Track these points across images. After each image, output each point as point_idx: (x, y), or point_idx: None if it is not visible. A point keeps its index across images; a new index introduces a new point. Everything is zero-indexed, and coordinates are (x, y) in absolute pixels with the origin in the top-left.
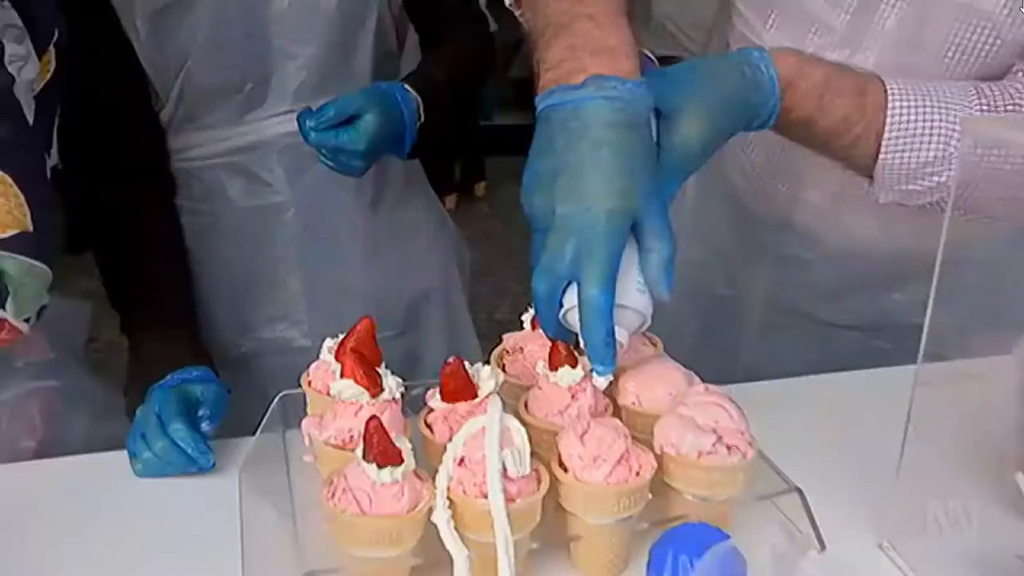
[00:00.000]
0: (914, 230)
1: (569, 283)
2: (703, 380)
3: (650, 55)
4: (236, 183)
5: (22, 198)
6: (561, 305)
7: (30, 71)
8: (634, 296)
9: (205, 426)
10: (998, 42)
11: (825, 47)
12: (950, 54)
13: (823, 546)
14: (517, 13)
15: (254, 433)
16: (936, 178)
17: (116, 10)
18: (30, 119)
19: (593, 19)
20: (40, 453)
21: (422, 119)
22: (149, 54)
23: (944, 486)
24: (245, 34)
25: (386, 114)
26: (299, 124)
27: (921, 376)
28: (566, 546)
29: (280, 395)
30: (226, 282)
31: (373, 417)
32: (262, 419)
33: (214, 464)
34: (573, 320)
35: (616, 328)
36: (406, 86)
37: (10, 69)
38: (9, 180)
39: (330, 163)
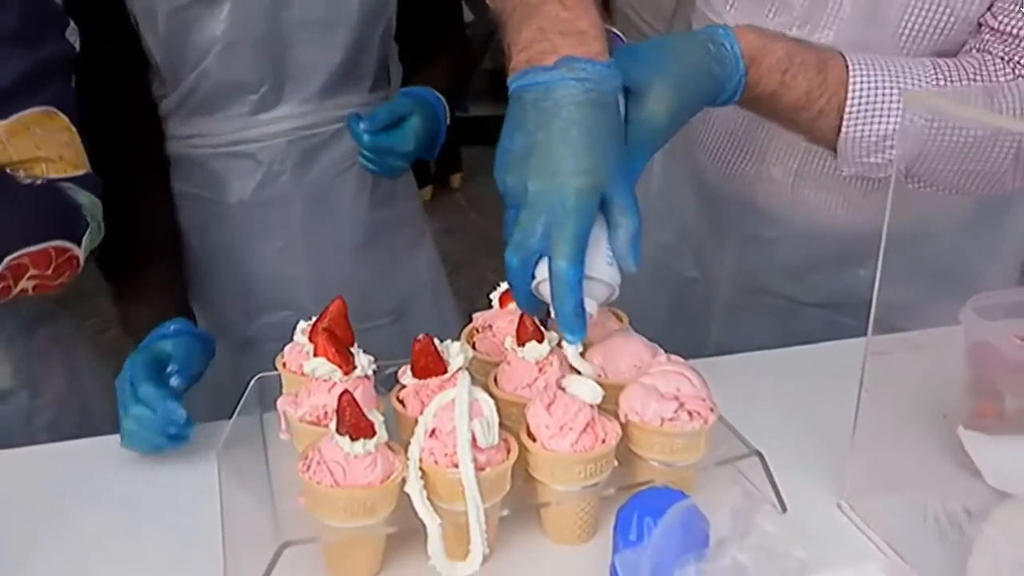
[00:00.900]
0: (875, 207)
1: (541, 256)
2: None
3: (618, 33)
4: (243, 173)
5: (79, 141)
6: (533, 277)
7: None
8: (603, 268)
9: (174, 381)
10: (952, 19)
11: (784, 25)
12: (906, 31)
13: (784, 507)
14: (488, 1)
15: (231, 416)
16: (895, 150)
17: (133, 7)
18: None
19: (562, 2)
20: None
21: (449, 122)
22: (165, 48)
23: (898, 447)
24: (265, 38)
25: (427, 117)
26: (350, 127)
27: (874, 345)
28: (536, 513)
29: (256, 377)
30: (231, 268)
31: (345, 391)
32: (239, 401)
33: (190, 422)
34: (544, 292)
35: (585, 299)
36: (434, 91)
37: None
38: (68, 122)
39: (372, 165)
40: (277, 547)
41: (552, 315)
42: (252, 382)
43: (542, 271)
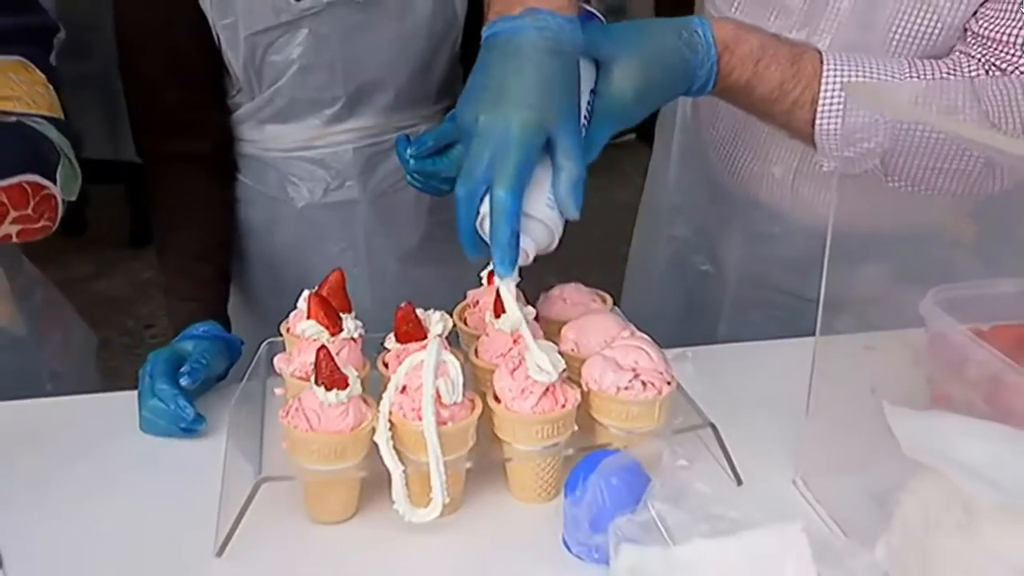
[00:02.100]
0: (871, 205)
1: (487, 190)
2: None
3: (596, 12)
4: (312, 177)
5: (56, 98)
6: (479, 214)
7: None
8: (542, 210)
9: (184, 381)
10: (939, 25)
11: (784, 28)
12: (896, 36)
13: (739, 480)
14: None
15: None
16: (865, 144)
17: (216, 26)
18: None
19: None
20: None
21: None
22: (244, 66)
23: (849, 428)
24: (339, 60)
25: None
26: (398, 150)
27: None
28: (504, 472)
29: (266, 342)
30: (294, 266)
31: (323, 347)
32: (250, 365)
33: (200, 418)
34: (487, 228)
35: (522, 237)
36: None
37: None
38: (45, 80)
39: (418, 184)
40: (255, 482)
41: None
42: (262, 347)
43: (486, 206)
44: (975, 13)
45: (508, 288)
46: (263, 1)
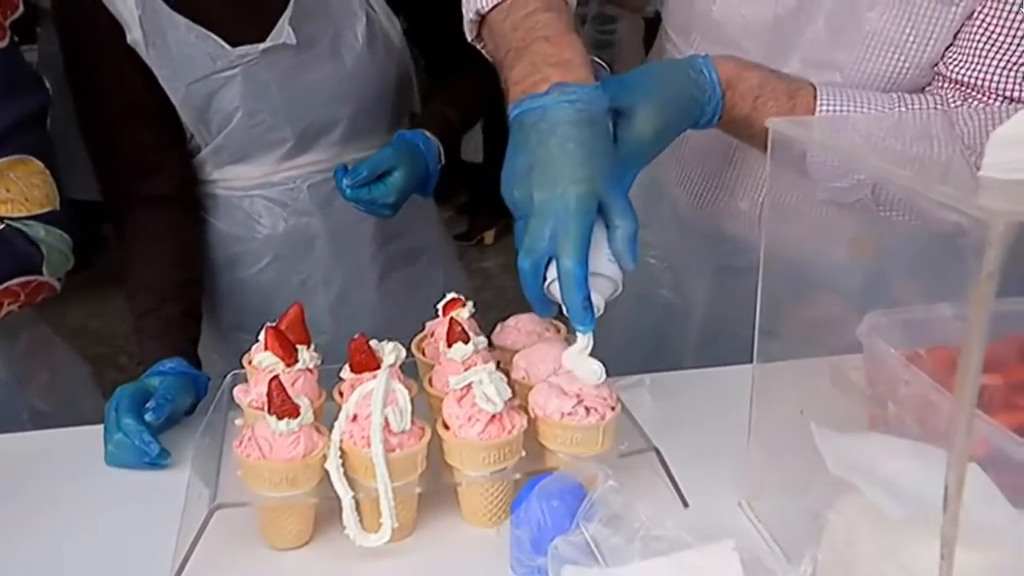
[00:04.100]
0: (837, 236)
1: (550, 260)
2: None
3: (602, 63)
4: (272, 212)
5: (52, 182)
6: (545, 279)
7: None
8: (605, 265)
9: (148, 416)
10: (906, 65)
11: None
12: (863, 76)
13: (685, 503)
14: (480, 46)
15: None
16: (857, 175)
17: (159, 77)
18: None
19: (548, 40)
20: None
21: (443, 162)
22: (191, 114)
23: (791, 451)
24: (282, 104)
25: (412, 166)
26: (335, 179)
27: (763, 357)
28: (455, 496)
29: (230, 374)
30: (260, 296)
31: (274, 377)
32: (215, 397)
33: (165, 453)
34: (555, 291)
35: (592, 294)
36: (427, 134)
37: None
38: (43, 167)
39: (362, 210)
40: (209, 509)
41: (564, 311)
42: (226, 379)
43: (552, 272)
44: (943, 56)
45: (587, 341)
46: (199, 49)
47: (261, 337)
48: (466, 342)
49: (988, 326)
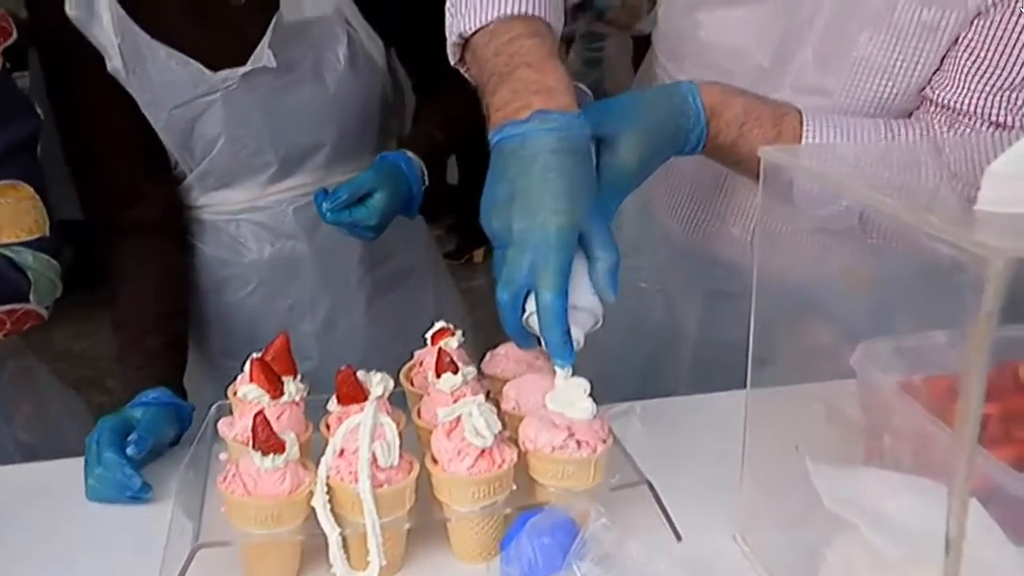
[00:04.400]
0: (829, 263)
1: (529, 291)
2: None
3: (585, 89)
4: (259, 236)
5: (42, 207)
6: (524, 311)
7: None
8: (586, 298)
9: (130, 450)
10: (894, 91)
11: None
12: (851, 101)
13: (679, 536)
14: (463, 69)
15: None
16: (844, 202)
17: (137, 100)
18: None
19: (531, 65)
20: None
21: (426, 183)
22: (174, 141)
23: (786, 484)
24: (264, 128)
25: (394, 187)
26: (316, 203)
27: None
28: (445, 531)
29: (215, 405)
30: (247, 321)
31: (259, 412)
32: (200, 429)
33: (147, 487)
34: (534, 324)
35: (572, 327)
36: (409, 154)
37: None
38: (33, 192)
39: (345, 231)
40: (191, 548)
41: (543, 344)
42: (211, 410)
43: (531, 304)
44: (930, 80)
45: (567, 375)
46: (180, 74)
47: (246, 368)
48: (455, 372)
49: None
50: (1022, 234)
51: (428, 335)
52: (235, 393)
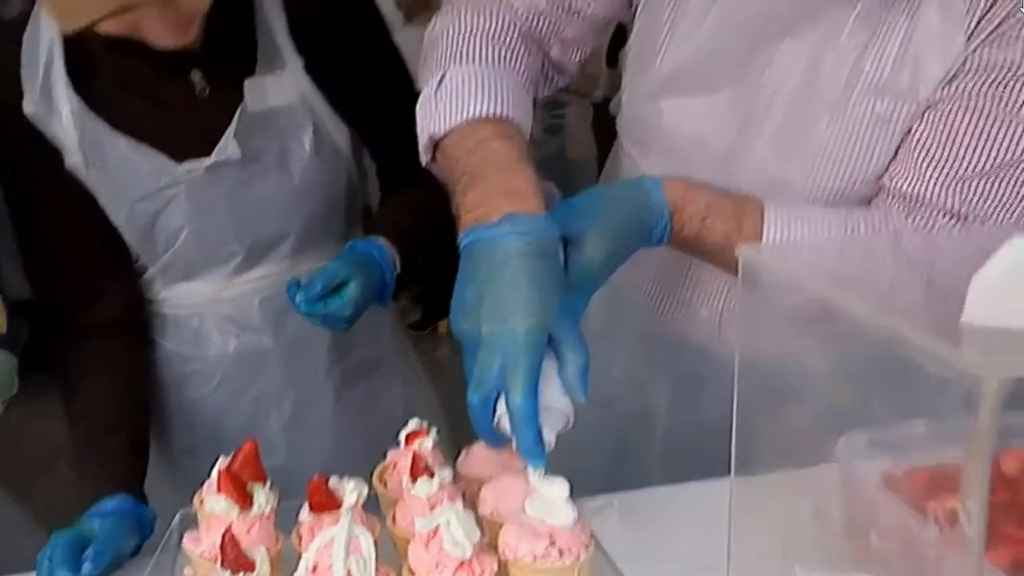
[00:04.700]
0: (794, 347)
1: (500, 393)
2: None
3: (552, 186)
4: (223, 329)
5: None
6: (496, 412)
7: None
8: (556, 399)
9: (86, 568)
10: (852, 180)
11: None
12: (809, 191)
13: None
14: (433, 168)
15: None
16: (807, 296)
17: (99, 199)
18: None
19: (501, 168)
20: None
21: (399, 270)
22: (136, 235)
23: None
24: (229, 218)
25: (367, 275)
26: (289, 295)
27: (741, 483)
28: None
29: (179, 514)
30: (211, 418)
31: (228, 529)
32: (163, 538)
33: None
34: (506, 425)
35: (543, 428)
36: (381, 241)
37: None
38: None
39: (317, 323)
40: None
41: (514, 446)
42: (175, 519)
43: (502, 406)
44: (887, 169)
45: (539, 475)
46: (143, 166)
47: (213, 475)
48: (431, 476)
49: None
50: (1015, 351)
51: (402, 435)
52: (201, 502)
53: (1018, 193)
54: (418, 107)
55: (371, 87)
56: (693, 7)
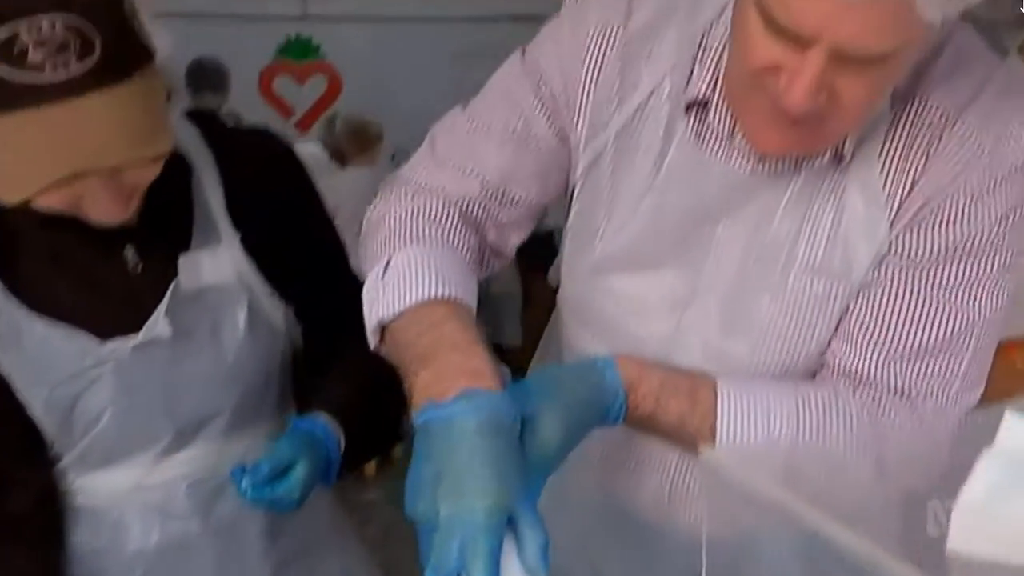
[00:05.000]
0: (737, 519)
1: (459, 575)
2: None
3: (504, 369)
4: (145, 519)
5: None
6: None
7: None
8: None
9: None
10: (794, 357)
11: None
12: (757, 365)
13: None
14: (382, 351)
15: None
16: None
17: (12, 380)
18: None
19: (455, 348)
20: None
21: (343, 448)
22: (52, 420)
23: None
24: (157, 398)
25: (313, 455)
26: (233, 480)
27: None
28: None
29: None
30: None
31: None
32: None
33: None
34: None
35: None
36: (325, 419)
37: None
38: None
39: (263, 508)
40: None
41: None
42: None
43: None
44: (830, 346)
45: None
46: (64, 347)
47: None
48: None
49: None
50: None
51: None
52: None
53: (957, 371)
54: (364, 293)
55: (308, 264)
56: (629, 191)
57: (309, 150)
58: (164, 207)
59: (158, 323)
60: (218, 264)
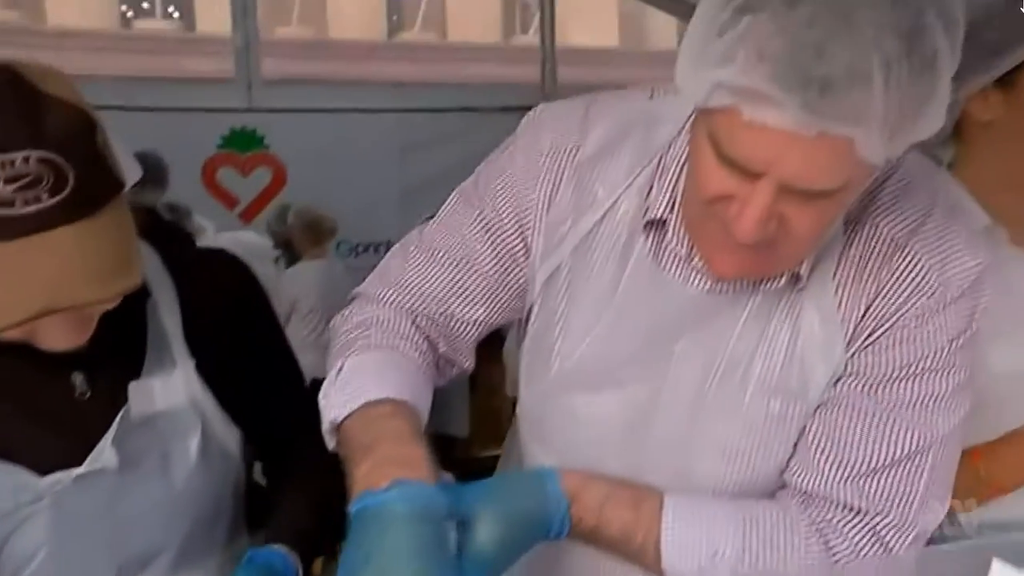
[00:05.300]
0: None
1: None
2: None
3: (450, 476)
4: None
5: None
6: None
7: None
8: None
9: None
10: (754, 475)
11: None
12: (712, 483)
13: None
14: (339, 451)
15: None
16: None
17: None
18: None
19: (394, 440)
20: None
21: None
22: None
23: None
24: (102, 534)
25: None
26: None
27: None
28: None
29: None
30: None
31: None
32: None
33: None
34: None
35: None
36: (281, 549)
37: None
38: None
39: None
40: None
41: None
42: None
43: None
44: (787, 464)
45: None
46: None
47: None
48: None
49: None
50: None
51: None
52: None
53: (917, 487)
54: (320, 396)
55: (263, 389)
56: (585, 309)
57: (252, 239)
58: (117, 332)
59: (104, 452)
60: (171, 390)
